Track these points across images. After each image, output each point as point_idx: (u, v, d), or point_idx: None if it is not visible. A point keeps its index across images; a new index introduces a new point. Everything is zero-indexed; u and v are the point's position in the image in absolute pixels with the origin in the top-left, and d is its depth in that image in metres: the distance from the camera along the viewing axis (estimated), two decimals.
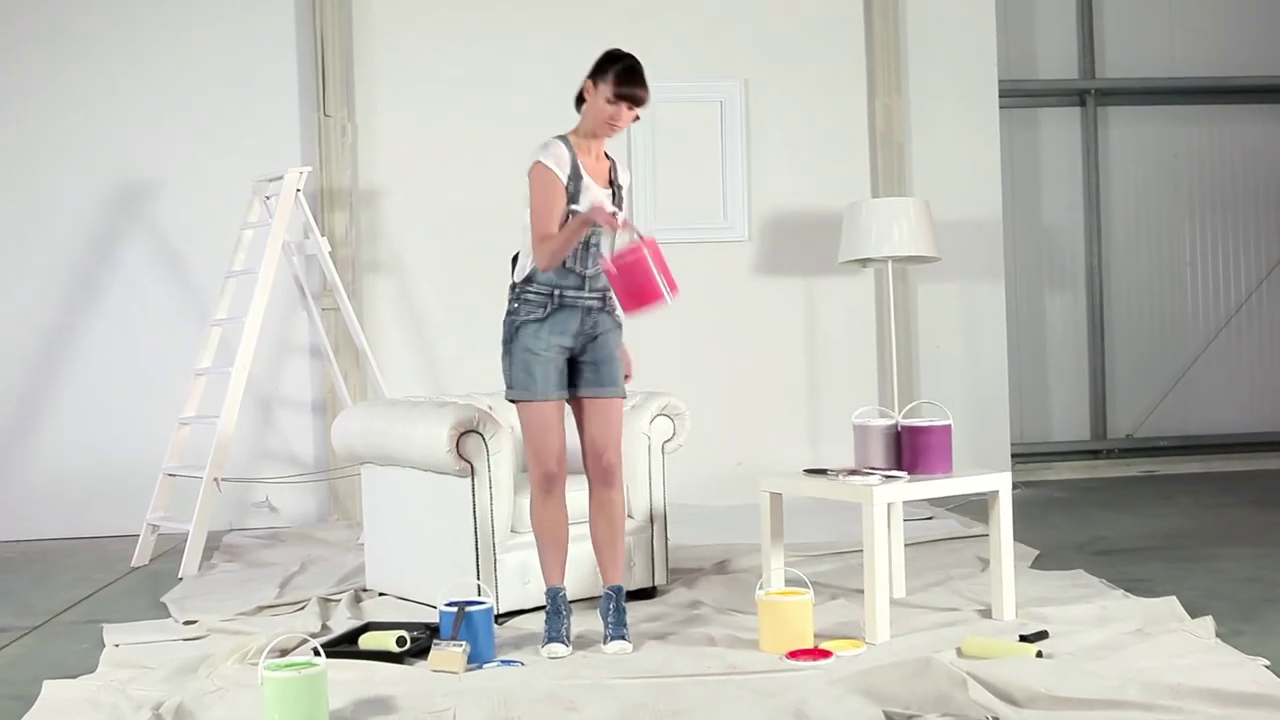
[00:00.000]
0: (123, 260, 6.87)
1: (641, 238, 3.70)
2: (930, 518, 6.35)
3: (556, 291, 3.93)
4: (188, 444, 6.09)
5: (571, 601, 4.14)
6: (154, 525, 5.90)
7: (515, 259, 4.02)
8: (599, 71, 3.92)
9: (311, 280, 6.88)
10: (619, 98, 3.88)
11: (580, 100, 3.99)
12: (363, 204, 7.04)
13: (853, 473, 4.19)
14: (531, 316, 3.93)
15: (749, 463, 7.21)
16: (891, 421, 4.32)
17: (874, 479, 4.07)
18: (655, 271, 3.67)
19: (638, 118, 4.00)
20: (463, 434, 4.25)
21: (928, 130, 7.36)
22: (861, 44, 7.36)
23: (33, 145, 6.87)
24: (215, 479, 5.65)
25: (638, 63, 3.93)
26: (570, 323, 3.95)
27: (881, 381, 7.34)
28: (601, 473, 4.03)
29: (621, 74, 3.87)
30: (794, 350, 7.34)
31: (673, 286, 3.71)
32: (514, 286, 3.98)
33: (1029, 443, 8.15)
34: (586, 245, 3.91)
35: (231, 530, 6.85)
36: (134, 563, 5.87)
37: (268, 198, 6.17)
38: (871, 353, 7.37)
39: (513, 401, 3.97)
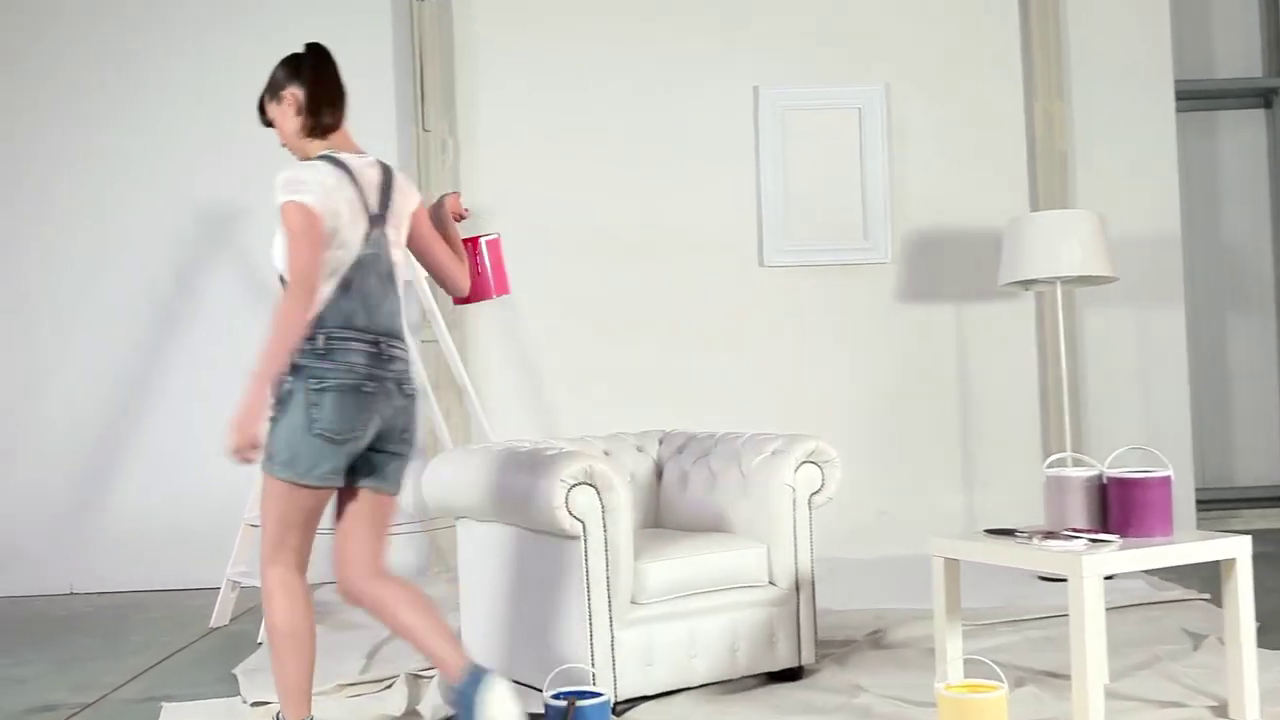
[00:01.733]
0: (206, 293, 6.35)
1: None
2: (1110, 576, 5.50)
3: None
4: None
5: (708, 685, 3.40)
6: (235, 581, 5.30)
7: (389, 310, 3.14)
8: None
9: (409, 310, 6.28)
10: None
11: (336, 109, 3.23)
12: (465, 226, 6.43)
13: (1049, 535, 3.42)
14: None
15: (893, 511, 6.44)
16: (1094, 472, 3.53)
17: (1078, 544, 3.29)
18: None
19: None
20: (574, 487, 3.56)
21: (1093, 137, 6.55)
22: (1017, 42, 6.58)
23: (111, 173, 6.39)
24: None
25: None
26: None
27: (1045, 419, 6.50)
28: None
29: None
30: (943, 384, 6.55)
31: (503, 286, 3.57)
32: None
33: (1212, 487, 7.23)
34: None
35: (324, 584, 6.25)
36: (213, 622, 5.28)
37: None
38: (1032, 387, 6.54)
39: None
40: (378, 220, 3.08)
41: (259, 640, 4.91)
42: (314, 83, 3.16)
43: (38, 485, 6.37)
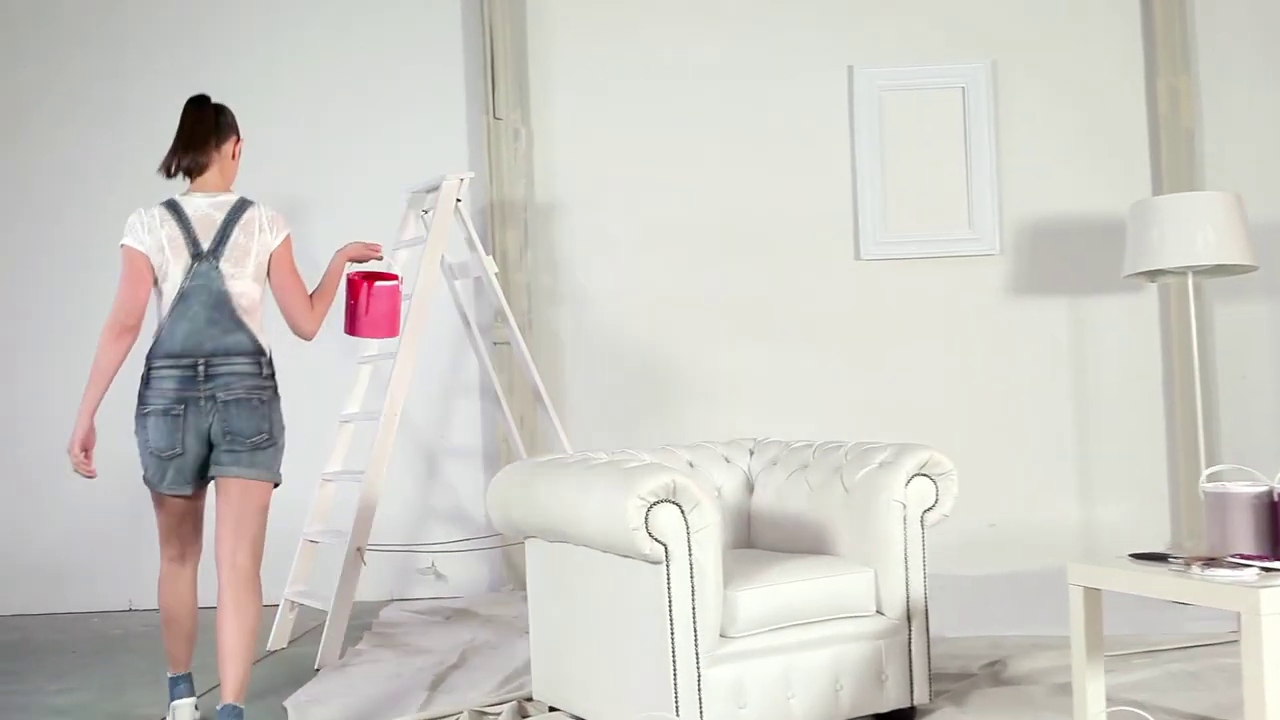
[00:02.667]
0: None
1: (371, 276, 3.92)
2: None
3: None
4: (333, 504, 5.12)
5: None
6: (293, 601, 4.94)
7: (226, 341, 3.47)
8: (238, 130, 3.67)
9: (482, 310, 5.89)
10: None
11: (211, 149, 3.56)
12: (539, 219, 6.04)
13: (1209, 562, 2.91)
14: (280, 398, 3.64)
15: (1004, 523, 5.92)
16: (1263, 488, 3.02)
17: (1250, 574, 2.78)
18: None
19: None
20: (654, 505, 3.12)
21: (1223, 114, 5.98)
22: (1137, 12, 6.04)
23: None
24: (359, 548, 4.66)
25: None
26: None
27: (1170, 425, 5.94)
28: None
29: None
30: (1057, 386, 6.03)
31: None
32: (270, 362, 3.53)
33: None
34: None
35: (391, 601, 5.88)
36: (270, 644, 4.93)
37: (425, 211, 5.19)
38: (1156, 389, 5.99)
39: (274, 486, 3.56)
40: (204, 256, 3.45)
41: (316, 666, 4.54)
42: (178, 131, 3.56)
43: (97, 499, 6.08)
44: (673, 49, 6.07)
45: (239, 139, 3.63)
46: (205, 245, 3.44)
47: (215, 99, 5.93)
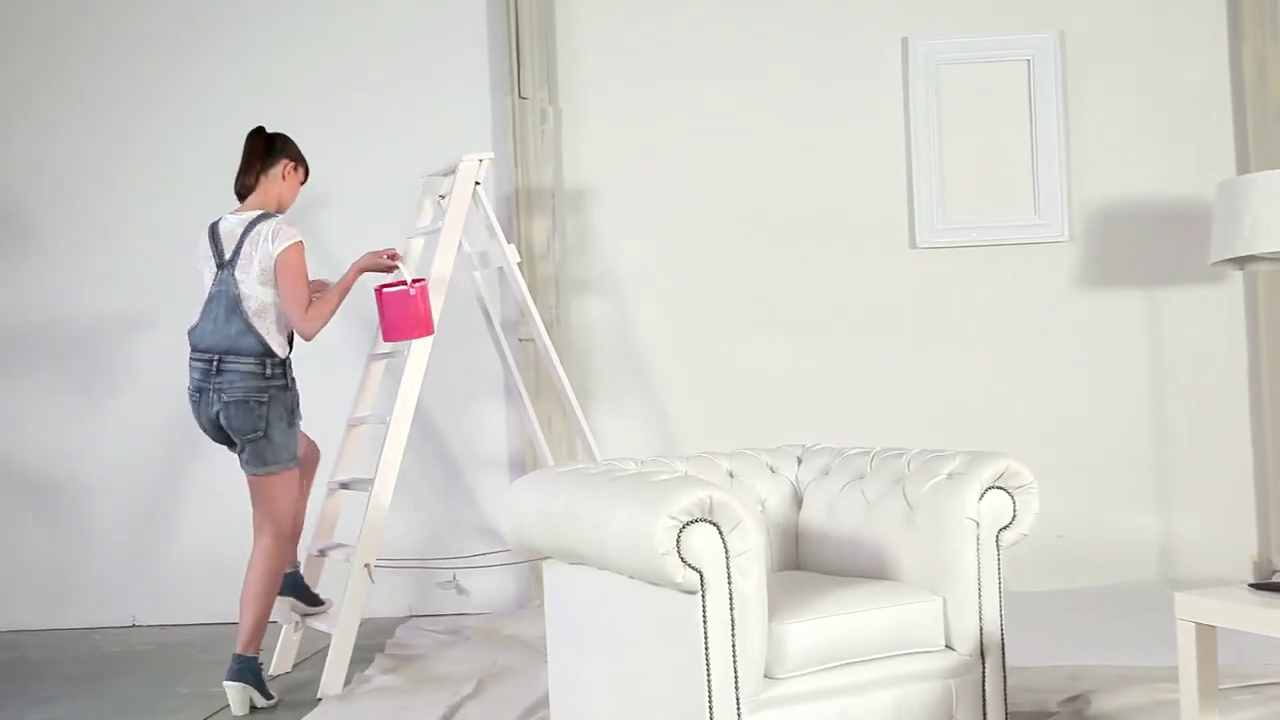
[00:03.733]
0: None
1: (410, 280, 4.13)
2: None
3: None
4: (340, 513, 4.70)
5: None
6: (297, 619, 4.54)
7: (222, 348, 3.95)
8: (298, 155, 4.16)
9: (506, 303, 5.46)
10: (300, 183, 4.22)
11: (257, 173, 4.08)
12: (568, 207, 5.61)
13: None
14: (297, 390, 4.07)
15: (1074, 535, 5.43)
16: None
17: None
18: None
19: None
20: (688, 525, 2.67)
21: None
22: None
23: (174, 145, 5.69)
24: (366, 564, 4.24)
25: None
26: None
27: (1258, 429, 5.44)
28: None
29: (307, 170, 4.21)
30: (1132, 385, 5.54)
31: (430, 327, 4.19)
32: (282, 362, 3.98)
33: None
34: (290, 338, 4.08)
35: (410, 618, 5.47)
36: (272, 669, 4.52)
37: (442, 196, 4.77)
38: (1242, 387, 5.49)
39: (277, 474, 4.01)
40: (225, 265, 3.96)
41: (319, 696, 4.13)
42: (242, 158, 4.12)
43: (102, 513, 5.71)
44: (713, 22, 5.63)
45: (291, 162, 4.10)
46: (227, 256, 3.94)
47: (219, 85, 5.65)
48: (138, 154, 5.72)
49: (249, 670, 3.99)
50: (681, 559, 2.66)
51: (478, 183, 4.61)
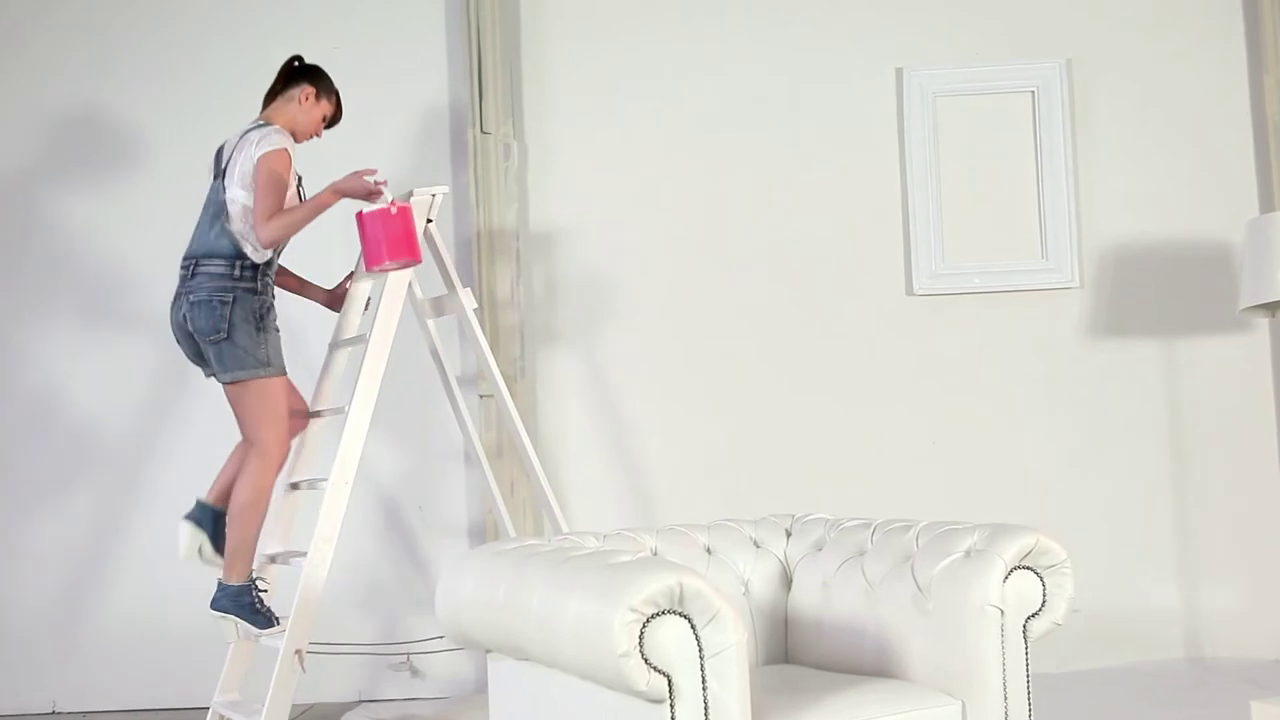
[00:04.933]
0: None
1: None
2: None
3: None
4: (277, 589, 4.19)
5: None
6: (221, 716, 4.01)
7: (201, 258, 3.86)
8: (323, 85, 4.04)
9: (468, 355, 4.99)
10: (330, 119, 4.10)
11: (273, 96, 4.02)
12: (534, 251, 5.15)
13: None
14: (270, 296, 3.93)
15: (1090, 606, 4.93)
16: None
17: None
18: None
19: None
20: (653, 619, 2.18)
21: None
22: (1238, 0, 5.13)
23: (115, 191, 5.22)
24: (297, 651, 3.72)
25: None
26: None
27: None
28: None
29: (339, 98, 4.09)
30: (1151, 442, 5.07)
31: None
32: (255, 266, 3.86)
33: None
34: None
35: (359, 703, 4.95)
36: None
37: None
38: (1270, 445, 5.04)
39: (247, 381, 3.83)
40: (220, 174, 3.92)
41: None
42: None
43: (22, 586, 5.17)
44: (691, 52, 5.21)
45: (311, 88, 3.98)
46: (223, 165, 3.89)
47: (176, 105, 5.18)
48: None
49: (228, 598, 3.87)
50: (645, 660, 2.17)
51: (430, 220, 4.15)
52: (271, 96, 4.01)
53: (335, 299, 4.30)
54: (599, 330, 5.15)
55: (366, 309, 4.35)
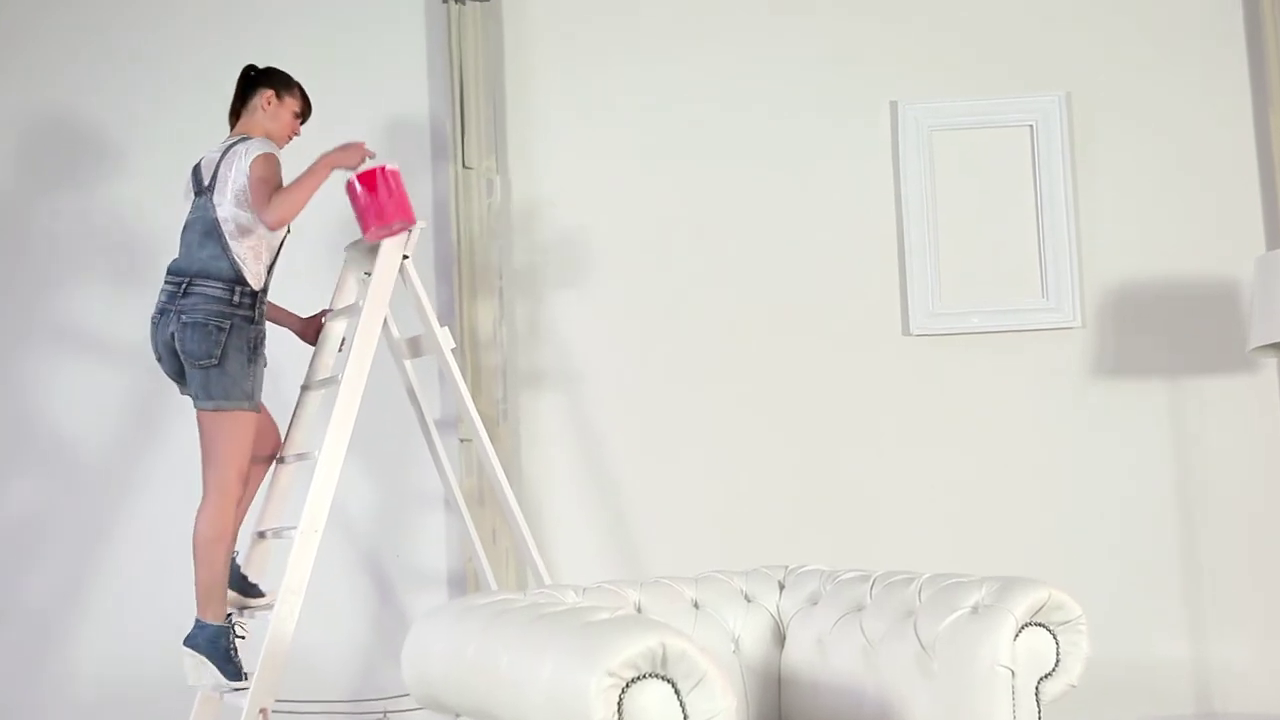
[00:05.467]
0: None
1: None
2: None
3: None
4: (246, 642, 3.98)
5: None
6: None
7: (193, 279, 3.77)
8: (280, 84, 4.00)
9: (448, 398, 4.81)
10: (300, 115, 4.06)
11: (236, 112, 4.01)
12: (518, 289, 4.98)
13: None
14: (264, 327, 3.85)
15: (1097, 659, 4.65)
16: None
17: None
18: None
19: None
20: (632, 683, 1.99)
21: None
22: (1241, 30, 5.01)
23: (66, 235, 5.06)
24: (262, 710, 3.52)
25: None
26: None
27: None
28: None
29: (303, 91, 4.05)
30: (1158, 490, 4.89)
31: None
32: (253, 293, 3.80)
33: None
34: (270, 270, 3.89)
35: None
36: None
37: (366, 273, 4.13)
38: None
39: (227, 411, 3.72)
40: (204, 191, 3.84)
41: None
42: None
43: None
44: (681, 85, 5.06)
45: (270, 91, 3.93)
46: (205, 182, 3.84)
47: (137, 147, 5.02)
48: None
49: (205, 639, 3.73)
50: None
51: (406, 256, 3.99)
52: (236, 113, 3.98)
53: (309, 328, 4.16)
54: (585, 372, 4.97)
55: (341, 349, 4.18)
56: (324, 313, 4.16)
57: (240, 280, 3.73)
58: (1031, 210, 4.96)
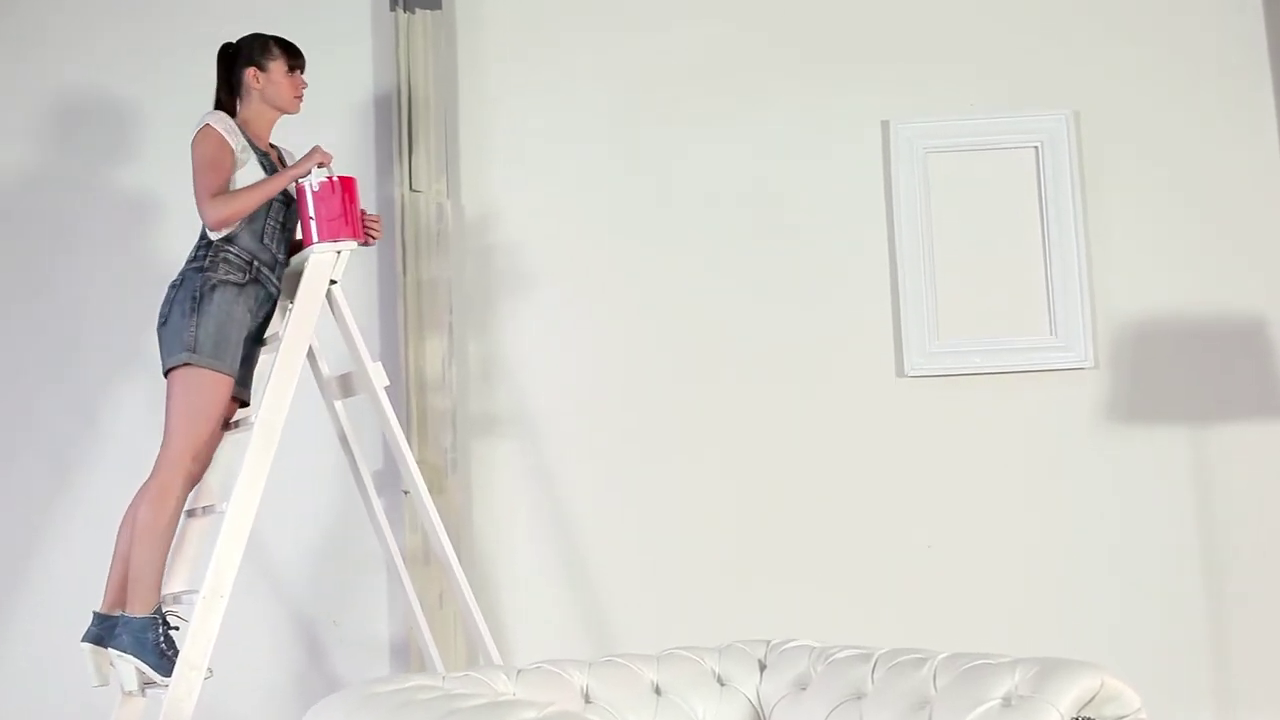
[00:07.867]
0: (127, 405, 4.52)
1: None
2: None
3: (255, 262, 3.56)
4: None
5: None
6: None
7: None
8: (261, 55, 3.73)
9: (388, 447, 4.39)
10: (294, 67, 3.77)
11: (228, 98, 3.75)
12: (470, 325, 4.61)
13: None
14: (230, 278, 3.50)
15: None
16: None
17: None
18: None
19: None
20: None
21: None
22: (1264, 45, 4.72)
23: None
24: None
25: None
26: (259, 301, 3.58)
27: None
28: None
29: (281, 43, 3.76)
30: (1177, 544, 4.56)
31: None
32: (211, 245, 3.52)
33: None
34: (283, 226, 3.64)
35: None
36: None
37: (292, 303, 3.69)
38: None
39: (186, 366, 3.42)
40: None
41: None
42: None
43: None
44: (652, 103, 4.77)
45: (250, 68, 3.70)
46: None
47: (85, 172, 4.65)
48: None
49: (130, 634, 3.37)
50: None
51: (334, 281, 3.55)
52: (230, 102, 3.74)
53: None
54: (544, 417, 4.60)
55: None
56: None
57: (205, 239, 3.56)
58: (1037, 239, 4.68)
